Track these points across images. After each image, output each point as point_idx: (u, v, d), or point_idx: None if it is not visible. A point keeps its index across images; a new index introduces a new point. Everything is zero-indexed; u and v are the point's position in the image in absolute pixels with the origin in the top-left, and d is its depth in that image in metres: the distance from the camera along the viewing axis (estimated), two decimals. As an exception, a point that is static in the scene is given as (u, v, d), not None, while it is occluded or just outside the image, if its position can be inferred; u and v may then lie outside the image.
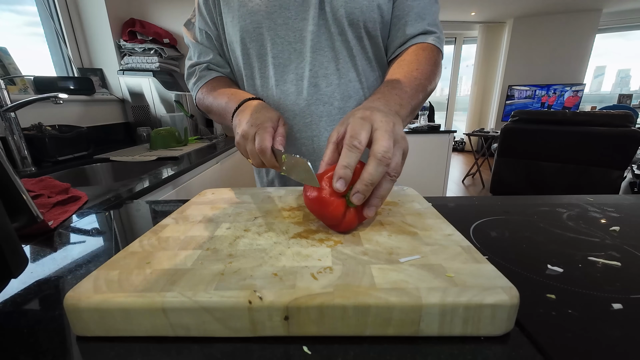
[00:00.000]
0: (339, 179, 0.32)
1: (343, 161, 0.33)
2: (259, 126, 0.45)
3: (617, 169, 2.34)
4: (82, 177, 1.19)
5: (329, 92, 0.59)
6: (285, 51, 0.58)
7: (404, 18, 0.57)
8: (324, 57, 0.58)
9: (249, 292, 0.24)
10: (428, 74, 0.53)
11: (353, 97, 0.60)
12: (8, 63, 1.26)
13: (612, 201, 0.55)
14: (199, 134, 1.85)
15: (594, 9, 4.53)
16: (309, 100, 0.59)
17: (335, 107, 0.60)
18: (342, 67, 0.59)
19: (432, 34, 0.58)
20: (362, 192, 0.32)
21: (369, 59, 0.61)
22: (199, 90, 0.65)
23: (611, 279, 0.31)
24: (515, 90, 5.04)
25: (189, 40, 0.67)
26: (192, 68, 0.67)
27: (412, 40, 0.57)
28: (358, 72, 0.60)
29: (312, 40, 0.56)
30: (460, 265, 0.27)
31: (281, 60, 0.58)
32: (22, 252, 0.28)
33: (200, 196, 0.50)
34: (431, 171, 2.78)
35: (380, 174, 0.32)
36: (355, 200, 0.33)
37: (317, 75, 0.58)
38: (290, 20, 0.56)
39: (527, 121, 2.67)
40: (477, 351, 0.23)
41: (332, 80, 0.59)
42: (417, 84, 0.51)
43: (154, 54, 1.74)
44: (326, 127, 0.60)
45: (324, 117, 0.60)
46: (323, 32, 0.56)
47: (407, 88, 0.49)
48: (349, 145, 0.33)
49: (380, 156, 0.32)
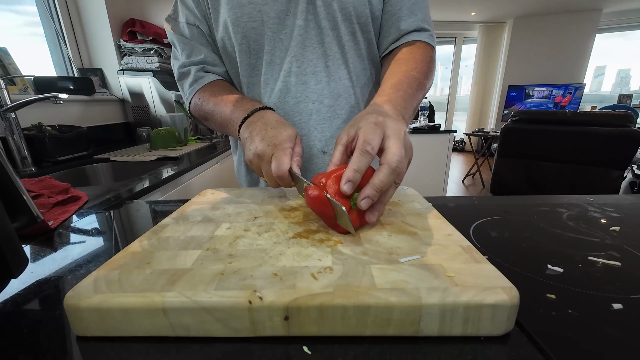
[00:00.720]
0: (348, 182, 0.33)
1: (354, 165, 0.33)
2: (277, 147, 0.42)
3: (617, 169, 2.34)
4: (82, 177, 1.19)
5: (318, 90, 0.58)
6: (277, 48, 0.56)
7: (397, 13, 0.57)
8: (312, 54, 0.56)
9: (249, 292, 0.24)
10: (425, 73, 0.54)
11: (343, 95, 0.59)
12: (8, 63, 1.26)
13: (612, 201, 0.55)
14: (199, 134, 1.85)
15: (594, 9, 4.53)
16: (297, 98, 0.58)
17: (325, 105, 0.58)
18: (332, 64, 0.57)
19: (425, 31, 0.58)
20: (372, 197, 0.33)
21: (362, 55, 0.60)
22: (195, 94, 0.60)
23: (611, 279, 0.31)
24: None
25: (174, 36, 0.61)
26: (184, 68, 0.60)
27: (406, 37, 0.57)
28: (349, 70, 0.59)
29: (300, 36, 0.55)
30: (461, 265, 0.27)
31: (272, 57, 0.57)
32: (22, 252, 0.28)
33: (200, 196, 0.50)
34: (431, 171, 2.78)
35: (391, 182, 0.33)
36: (364, 204, 0.33)
37: (305, 72, 0.57)
38: (282, 14, 0.55)
39: (527, 121, 2.67)
40: (477, 351, 0.23)
41: (321, 77, 0.57)
42: (417, 83, 0.51)
43: (154, 54, 1.74)
44: (315, 126, 0.59)
45: (314, 116, 0.58)
46: (312, 27, 0.55)
47: (408, 89, 0.49)
48: (361, 150, 0.34)
49: (394, 166, 0.33)
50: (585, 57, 4.83)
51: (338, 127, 0.60)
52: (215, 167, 1.36)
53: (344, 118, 0.60)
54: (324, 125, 0.59)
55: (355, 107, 0.61)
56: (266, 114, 0.48)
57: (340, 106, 0.59)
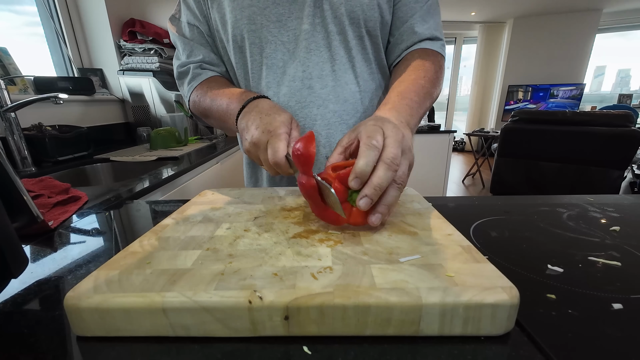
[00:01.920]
0: (356, 177, 0.32)
1: (362, 159, 0.33)
2: (272, 133, 0.41)
3: (617, 169, 2.34)
4: (82, 177, 1.19)
5: (323, 95, 0.57)
6: (279, 51, 0.56)
7: (410, 20, 0.57)
8: (319, 58, 0.56)
9: (249, 292, 0.24)
10: (434, 82, 0.54)
11: (349, 100, 0.58)
12: (8, 63, 1.26)
13: (612, 201, 0.55)
14: (199, 134, 1.85)
15: (594, 9, 4.53)
16: (302, 103, 0.57)
17: (329, 110, 0.58)
18: (339, 68, 0.57)
19: (437, 40, 0.58)
20: (370, 196, 0.32)
21: (369, 60, 0.59)
22: (193, 91, 0.59)
23: (611, 279, 0.31)
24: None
25: (176, 37, 0.61)
26: (183, 67, 0.61)
27: (419, 45, 0.57)
28: (355, 74, 0.58)
29: (306, 40, 0.55)
30: (461, 265, 0.27)
31: (274, 60, 0.56)
32: (22, 252, 0.28)
33: (200, 196, 0.50)
34: (431, 171, 2.78)
35: (389, 179, 0.33)
36: (363, 204, 0.32)
37: (311, 76, 0.56)
38: (283, 17, 0.54)
39: (527, 121, 2.67)
40: (477, 351, 0.23)
41: (327, 82, 0.57)
42: (425, 92, 0.51)
43: (154, 54, 1.74)
44: (320, 132, 0.58)
45: (318, 120, 0.58)
46: (319, 31, 0.55)
47: (415, 97, 0.49)
48: (367, 144, 0.33)
49: (389, 161, 0.33)
50: (585, 57, 4.83)
51: (343, 132, 0.59)
52: (215, 167, 1.36)
53: (350, 123, 0.59)
54: (329, 131, 0.59)
55: (361, 113, 0.60)
56: (260, 102, 0.47)
57: (346, 111, 0.59)
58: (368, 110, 0.61)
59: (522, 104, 5.20)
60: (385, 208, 0.34)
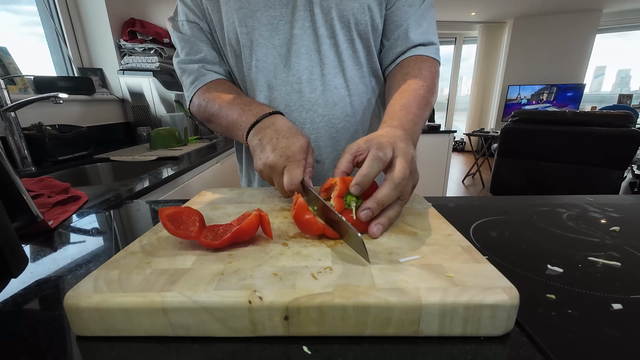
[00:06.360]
0: (356, 184, 0.34)
1: (364, 169, 0.34)
2: (290, 159, 0.41)
3: (617, 169, 2.34)
4: (82, 177, 1.19)
5: (312, 99, 0.57)
6: (270, 54, 0.56)
7: (403, 25, 0.56)
8: (309, 62, 0.56)
9: (249, 292, 0.24)
10: (432, 90, 0.54)
11: (339, 104, 0.58)
12: (8, 63, 1.25)
13: (612, 201, 0.55)
14: (199, 134, 1.85)
15: (594, 9, 4.53)
16: (291, 107, 0.57)
17: (318, 114, 0.58)
18: (328, 72, 0.56)
19: (432, 45, 0.58)
20: (372, 209, 0.33)
21: (360, 64, 0.59)
22: (196, 93, 0.59)
23: (611, 279, 0.31)
24: None
25: (174, 34, 0.60)
26: (183, 65, 0.59)
27: (414, 51, 0.57)
28: (345, 78, 0.58)
29: (296, 44, 0.55)
30: (460, 265, 0.27)
31: (265, 63, 0.56)
32: (22, 252, 0.28)
33: (200, 196, 0.50)
34: (431, 171, 2.78)
35: (393, 198, 0.34)
36: (363, 216, 0.33)
37: (300, 80, 0.56)
38: (275, 20, 0.54)
39: (527, 121, 2.67)
40: (477, 351, 0.23)
41: (316, 86, 0.56)
42: (425, 102, 0.51)
43: (154, 53, 1.74)
44: (309, 135, 0.58)
45: (307, 124, 0.58)
46: (309, 35, 0.55)
47: (417, 110, 0.49)
48: (375, 156, 0.35)
49: (398, 181, 0.33)
50: (585, 57, 4.83)
51: (332, 136, 0.59)
52: (215, 167, 1.36)
53: (339, 127, 0.59)
54: (317, 135, 0.59)
55: (351, 117, 0.60)
56: (277, 121, 0.47)
57: (335, 115, 0.58)
58: (358, 114, 0.61)
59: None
60: (387, 220, 0.35)
